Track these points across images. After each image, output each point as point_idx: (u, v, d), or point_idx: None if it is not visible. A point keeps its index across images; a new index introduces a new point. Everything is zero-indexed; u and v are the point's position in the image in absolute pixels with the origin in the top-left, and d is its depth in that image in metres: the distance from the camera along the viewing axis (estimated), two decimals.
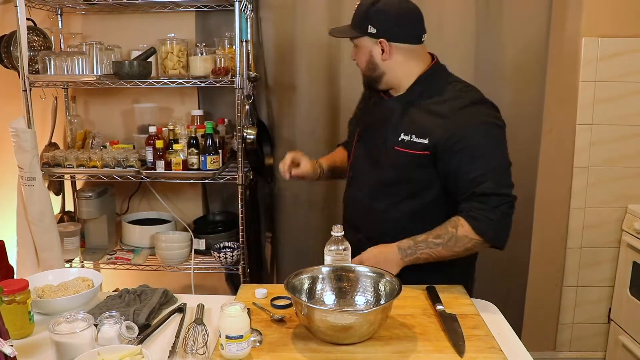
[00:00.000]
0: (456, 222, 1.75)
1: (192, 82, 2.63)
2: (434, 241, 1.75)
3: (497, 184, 1.72)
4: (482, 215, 1.71)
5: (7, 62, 2.61)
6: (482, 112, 1.80)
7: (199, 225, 2.97)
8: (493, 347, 1.43)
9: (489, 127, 1.78)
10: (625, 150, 2.98)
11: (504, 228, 1.76)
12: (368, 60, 1.86)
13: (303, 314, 1.43)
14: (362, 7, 1.83)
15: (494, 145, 1.77)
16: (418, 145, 1.78)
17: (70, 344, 1.38)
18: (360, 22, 1.83)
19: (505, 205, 1.73)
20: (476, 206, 1.72)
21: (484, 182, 1.71)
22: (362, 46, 1.85)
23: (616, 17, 2.85)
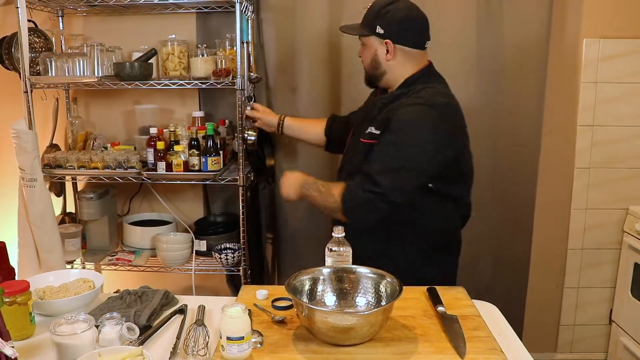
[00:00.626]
0: (339, 183, 1.95)
1: (193, 83, 2.63)
2: (320, 188, 1.97)
3: (380, 173, 1.83)
4: (354, 188, 1.87)
5: (8, 64, 2.61)
6: (420, 113, 1.86)
7: (200, 227, 2.97)
8: (494, 348, 1.43)
9: (414, 128, 1.86)
10: (626, 151, 2.97)
11: (361, 210, 1.88)
12: (373, 58, 2.00)
13: (304, 315, 1.43)
14: (375, 7, 1.97)
15: (407, 146, 1.85)
16: (375, 135, 1.93)
17: (71, 345, 1.39)
18: (370, 22, 1.97)
19: (375, 195, 1.82)
20: (358, 180, 1.88)
21: (373, 164, 1.86)
22: (369, 45, 1.99)
23: (617, 18, 2.85)
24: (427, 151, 1.85)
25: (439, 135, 1.85)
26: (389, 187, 1.82)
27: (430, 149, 1.85)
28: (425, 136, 1.85)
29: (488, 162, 2.86)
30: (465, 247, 2.92)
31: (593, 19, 2.85)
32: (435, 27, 2.73)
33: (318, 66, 2.81)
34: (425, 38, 2.00)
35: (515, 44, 2.75)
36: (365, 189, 1.84)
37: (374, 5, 1.98)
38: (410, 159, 1.84)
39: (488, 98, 2.80)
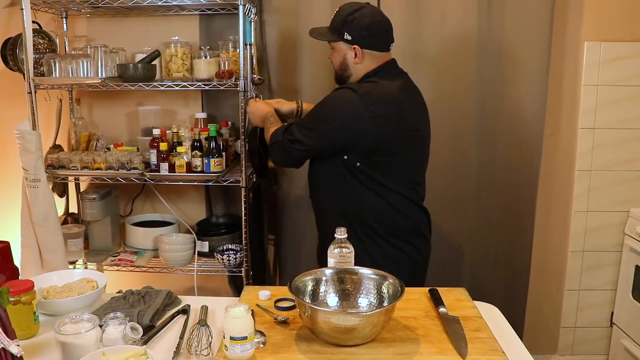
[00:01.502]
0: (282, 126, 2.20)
1: (196, 85, 2.64)
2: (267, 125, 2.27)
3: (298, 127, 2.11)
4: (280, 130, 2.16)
5: (13, 65, 2.62)
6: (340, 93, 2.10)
7: (202, 228, 2.98)
8: (495, 349, 1.44)
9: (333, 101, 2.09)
10: (628, 154, 2.98)
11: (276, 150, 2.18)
12: (342, 61, 2.14)
13: (306, 316, 1.44)
14: (341, 15, 2.09)
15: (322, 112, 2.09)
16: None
17: (76, 344, 1.39)
18: (337, 28, 2.09)
19: (287, 144, 2.11)
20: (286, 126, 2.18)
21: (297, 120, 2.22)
22: (338, 49, 2.13)
23: (619, 21, 2.85)
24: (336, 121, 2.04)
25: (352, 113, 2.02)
26: (296, 138, 2.09)
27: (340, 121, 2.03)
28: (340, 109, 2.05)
29: (489, 165, 2.87)
30: (466, 248, 2.95)
31: (594, 22, 2.85)
32: (437, 30, 2.77)
33: (320, 67, 2.81)
34: (390, 41, 2.13)
35: (516, 47, 2.76)
36: (285, 133, 2.13)
37: (340, 11, 2.10)
38: (320, 123, 2.08)
39: (489, 101, 2.81)
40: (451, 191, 2.82)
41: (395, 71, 2.16)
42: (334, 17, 2.12)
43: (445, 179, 2.85)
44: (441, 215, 2.76)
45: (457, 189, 2.86)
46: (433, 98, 2.73)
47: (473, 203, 2.91)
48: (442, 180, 2.81)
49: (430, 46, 2.80)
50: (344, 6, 2.11)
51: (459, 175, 2.85)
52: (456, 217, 2.90)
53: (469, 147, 2.85)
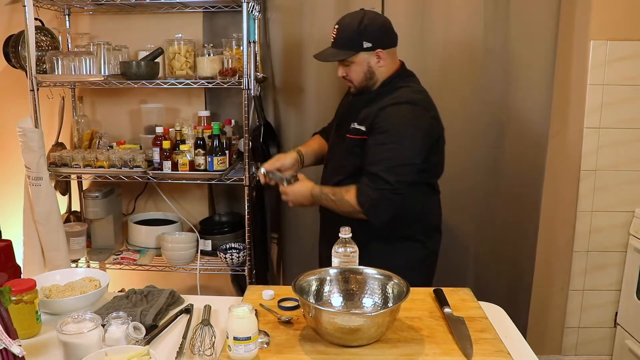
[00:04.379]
0: (349, 189, 2.03)
1: (199, 82, 2.64)
2: (331, 197, 2.07)
3: (387, 169, 1.96)
4: (366, 191, 1.98)
5: (15, 62, 2.62)
6: (407, 111, 2.03)
7: (205, 226, 2.97)
8: (501, 350, 1.43)
9: (407, 125, 2.01)
10: (633, 153, 2.96)
11: (380, 208, 2.00)
12: (366, 71, 2.09)
13: (311, 316, 1.43)
14: (350, 27, 2.06)
15: (403, 142, 1.99)
16: (358, 131, 2.08)
17: (78, 344, 1.38)
18: (352, 42, 2.05)
19: (387, 191, 1.97)
20: (367, 182, 1.99)
21: (377, 164, 1.98)
22: (359, 61, 2.07)
23: (625, 21, 2.84)
24: (417, 144, 2.02)
25: (422, 128, 2.04)
26: (396, 181, 1.96)
27: (419, 141, 2.02)
28: (412, 131, 2.02)
29: (494, 164, 2.85)
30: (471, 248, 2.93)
31: (600, 21, 2.83)
32: (443, 29, 2.76)
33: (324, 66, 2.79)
34: (396, 35, 2.14)
35: (522, 46, 2.74)
36: (377, 187, 1.96)
37: (346, 25, 2.07)
38: (404, 153, 2.00)
39: (495, 100, 2.80)
40: (456, 191, 2.81)
41: (409, 70, 2.20)
42: (340, 33, 2.07)
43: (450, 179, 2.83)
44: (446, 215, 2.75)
45: (462, 189, 2.85)
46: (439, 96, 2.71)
47: (478, 203, 2.89)
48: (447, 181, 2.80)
49: (436, 44, 2.78)
50: (346, 20, 2.09)
51: (463, 175, 2.83)
52: (461, 217, 2.89)
53: (474, 146, 2.84)
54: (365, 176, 2.00)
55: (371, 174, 1.98)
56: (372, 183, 1.97)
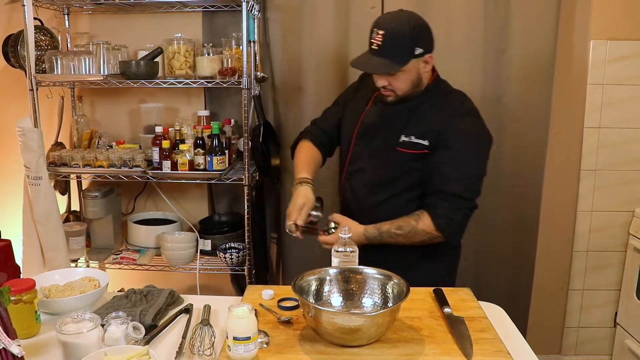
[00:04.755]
0: (418, 217, 1.91)
1: (198, 82, 2.63)
2: (396, 232, 1.91)
3: (466, 188, 1.91)
4: (444, 213, 1.88)
5: (14, 62, 2.61)
6: (474, 123, 1.96)
7: (204, 226, 2.97)
8: (501, 350, 1.43)
9: (476, 137, 1.95)
10: (633, 153, 2.96)
11: (460, 229, 1.95)
12: (414, 79, 1.94)
13: (310, 316, 1.43)
14: (401, 32, 1.85)
15: (476, 155, 1.95)
16: (417, 145, 1.94)
17: (77, 344, 1.38)
18: (405, 49, 1.87)
19: (467, 209, 1.91)
20: (441, 204, 1.89)
21: (455, 183, 1.89)
22: (408, 70, 1.89)
23: (625, 20, 2.84)
24: (485, 155, 1.97)
25: (488, 137, 1.98)
26: (474, 198, 1.93)
27: (486, 152, 1.98)
28: (482, 143, 1.96)
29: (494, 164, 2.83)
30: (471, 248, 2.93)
31: (601, 20, 2.83)
32: (443, 28, 2.75)
33: (324, 65, 2.80)
34: None
35: (522, 46, 2.73)
36: (457, 208, 1.90)
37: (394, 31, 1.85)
38: (479, 166, 1.95)
39: (495, 99, 2.79)
40: None
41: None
42: (389, 40, 1.84)
43: None
44: None
45: None
46: None
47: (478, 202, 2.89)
48: None
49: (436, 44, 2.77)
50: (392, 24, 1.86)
51: None
52: None
53: None
54: (438, 196, 1.90)
55: (450, 194, 1.88)
56: (450, 205, 1.88)
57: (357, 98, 2.19)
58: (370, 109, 2.10)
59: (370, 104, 2.10)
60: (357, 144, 2.10)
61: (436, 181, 1.91)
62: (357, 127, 2.10)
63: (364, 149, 2.08)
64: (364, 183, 2.08)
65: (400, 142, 1.96)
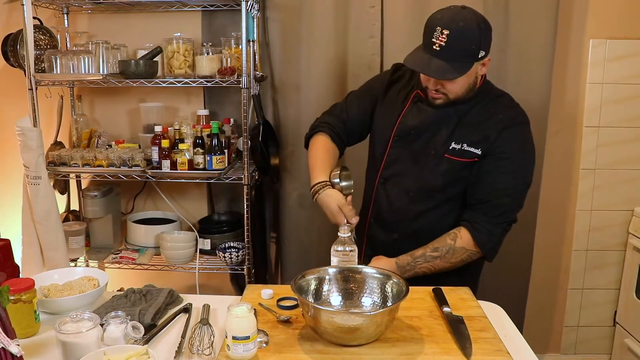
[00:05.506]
0: (455, 234, 1.83)
1: (198, 81, 2.63)
2: (432, 254, 1.83)
3: (514, 201, 1.85)
4: (485, 228, 1.82)
5: (13, 61, 2.61)
6: (527, 132, 1.88)
7: (204, 225, 2.97)
8: (500, 349, 1.42)
9: (529, 149, 1.88)
10: (632, 152, 2.96)
11: (499, 244, 1.87)
12: (471, 83, 1.83)
13: (310, 315, 1.43)
14: (469, 34, 1.71)
15: (527, 166, 1.87)
16: (469, 153, 1.84)
17: (77, 343, 1.38)
18: (471, 52, 1.74)
19: (507, 224, 1.85)
20: (482, 218, 1.82)
21: (505, 197, 1.82)
22: (468, 74, 1.77)
23: (624, 19, 2.84)
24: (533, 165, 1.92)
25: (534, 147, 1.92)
26: (517, 212, 1.87)
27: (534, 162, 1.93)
28: (532, 153, 1.91)
29: None
30: None
31: (599, 19, 2.83)
32: None
33: (323, 65, 2.80)
34: None
35: (521, 44, 2.73)
36: (498, 222, 1.84)
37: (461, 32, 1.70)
38: (529, 178, 1.89)
39: None
40: None
41: None
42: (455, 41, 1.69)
43: None
44: None
45: None
46: None
47: None
48: None
49: None
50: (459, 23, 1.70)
51: None
52: None
53: None
54: (483, 208, 1.83)
55: (498, 206, 1.81)
56: (493, 219, 1.82)
57: (391, 94, 2.02)
58: (410, 109, 1.94)
59: (409, 103, 1.95)
60: (394, 146, 1.95)
61: (485, 191, 1.82)
62: (395, 128, 1.95)
63: (404, 153, 1.94)
64: (403, 190, 1.94)
65: (450, 149, 1.84)
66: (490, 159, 1.82)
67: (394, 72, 2.08)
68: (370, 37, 2.76)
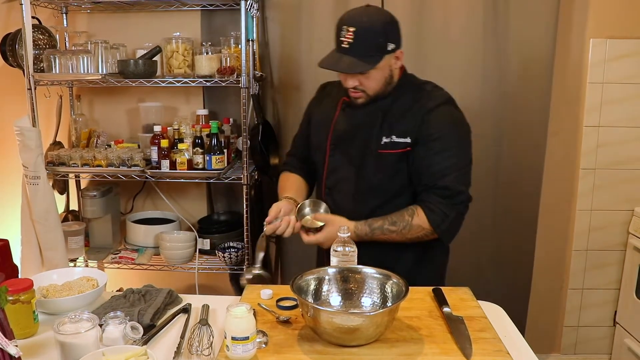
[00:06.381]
0: (413, 211, 1.83)
1: (197, 81, 2.63)
2: (389, 228, 1.83)
3: (458, 180, 1.83)
4: (439, 209, 1.81)
5: (12, 61, 2.60)
6: (452, 112, 1.89)
7: (203, 225, 2.96)
8: (500, 350, 1.42)
9: (457, 126, 1.89)
10: (632, 152, 2.96)
11: (455, 226, 1.86)
12: (387, 77, 1.86)
13: (309, 316, 1.42)
14: (373, 28, 1.77)
15: (461, 144, 1.88)
16: (399, 144, 1.86)
17: (75, 344, 1.38)
18: (377, 46, 1.78)
19: (462, 206, 1.85)
20: (435, 199, 1.81)
21: (446, 176, 1.81)
22: (381, 67, 1.81)
23: (624, 19, 2.83)
24: (469, 143, 1.92)
25: (468, 126, 1.92)
26: (467, 189, 1.86)
27: (469, 141, 1.92)
28: (464, 130, 1.91)
29: (493, 163, 2.85)
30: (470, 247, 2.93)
31: (600, 19, 2.83)
32: (442, 27, 2.75)
33: None
34: None
35: (521, 44, 2.73)
36: (453, 204, 1.82)
37: (365, 28, 1.76)
38: (467, 155, 1.90)
39: (493, 98, 2.79)
40: None
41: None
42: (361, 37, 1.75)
43: None
44: None
45: None
46: None
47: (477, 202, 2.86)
48: None
49: (435, 43, 2.77)
50: (363, 19, 1.77)
51: None
52: None
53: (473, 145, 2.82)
54: (430, 192, 1.82)
55: (443, 187, 1.81)
56: (444, 198, 1.81)
57: (321, 109, 2.08)
58: (340, 116, 1.98)
59: (338, 110, 2.00)
60: (332, 154, 1.99)
61: (426, 176, 1.83)
62: (329, 137, 1.99)
63: (343, 159, 1.97)
64: (347, 194, 1.97)
65: (382, 144, 1.87)
66: (421, 144, 1.84)
67: (321, 90, 2.18)
68: None
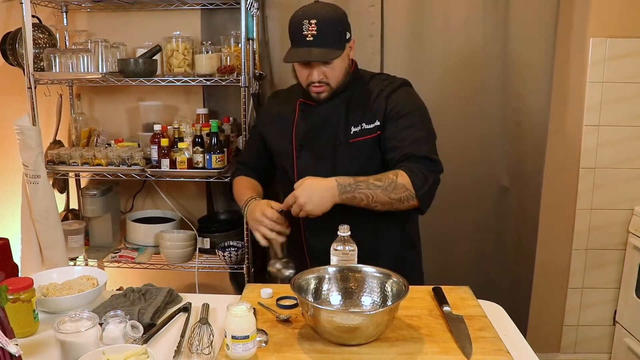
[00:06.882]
0: (397, 172, 1.80)
1: (197, 80, 2.63)
2: (375, 183, 1.77)
3: (430, 150, 1.86)
4: (420, 172, 1.79)
5: (12, 60, 2.60)
6: (412, 92, 1.99)
7: (203, 224, 2.96)
8: (500, 349, 1.42)
9: (420, 103, 1.96)
10: (633, 151, 2.96)
11: (432, 192, 1.83)
12: (347, 66, 1.92)
13: (309, 315, 1.42)
14: (333, 19, 1.84)
15: (425, 119, 1.93)
16: (370, 130, 1.90)
17: (75, 343, 1.38)
18: (339, 35, 1.85)
19: (438, 174, 1.85)
20: (415, 165, 1.80)
21: (420, 147, 1.84)
22: (342, 57, 1.87)
23: (624, 18, 2.83)
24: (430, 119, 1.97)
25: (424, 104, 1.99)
26: (437, 157, 1.87)
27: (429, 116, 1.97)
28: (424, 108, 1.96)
29: (494, 162, 2.84)
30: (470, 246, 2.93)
31: (600, 18, 2.83)
32: (441, 26, 2.75)
33: None
34: None
35: (521, 44, 2.73)
36: (431, 170, 1.82)
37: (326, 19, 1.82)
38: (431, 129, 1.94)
39: (493, 97, 2.79)
40: (456, 189, 2.80)
41: None
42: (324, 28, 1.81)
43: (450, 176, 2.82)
44: (445, 213, 2.74)
45: (462, 187, 2.84)
46: (438, 96, 2.71)
47: (477, 201, 2.89)
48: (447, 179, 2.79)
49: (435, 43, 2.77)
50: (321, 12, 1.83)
51: (463, 174, 2.82)
52: (460, 215, 2.88)
53: (473, 145, 2.83)
54: (407, 161, 1.82)
55: (420, 157, 1.81)
56: (424, 166, 1.80)
57: (276, 116, 2.10)
58: (300, 117, 2.01)
59: (297, 112, 2.02)
60: (299, 156, 1.99)
61: (402, 148, 1.84)
62: (293, 140, 2.00)
63: (311, 157, 1.97)
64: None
65: (352, 133, 1.91)
66: (390, 122, 1.88)
67: (271, 98, 2.28)
68: (370, 36, 2.76)
